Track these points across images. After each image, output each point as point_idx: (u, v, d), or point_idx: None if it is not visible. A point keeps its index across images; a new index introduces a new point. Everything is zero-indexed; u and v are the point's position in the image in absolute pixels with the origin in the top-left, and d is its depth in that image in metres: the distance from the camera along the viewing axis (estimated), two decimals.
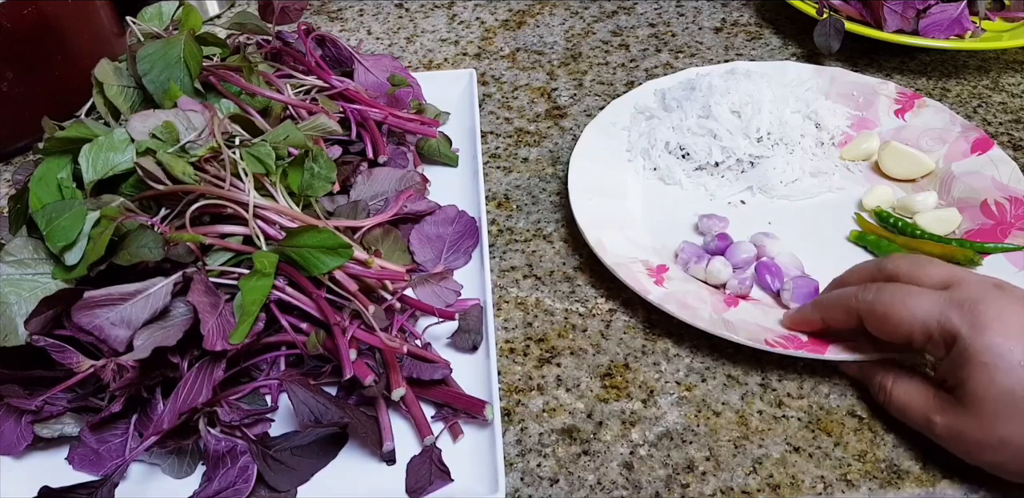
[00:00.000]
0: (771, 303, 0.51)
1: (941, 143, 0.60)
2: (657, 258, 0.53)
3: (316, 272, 0.44)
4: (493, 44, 0.79)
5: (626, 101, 0.65)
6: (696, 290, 0.51)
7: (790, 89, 0.63)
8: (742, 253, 0.53)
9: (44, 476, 0.43)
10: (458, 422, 0.45)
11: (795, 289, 0.50)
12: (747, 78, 0.62)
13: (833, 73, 0.66)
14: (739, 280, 0.51)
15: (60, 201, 0.45)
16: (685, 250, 0.53)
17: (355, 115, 0.59)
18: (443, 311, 0.48)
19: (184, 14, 0.57)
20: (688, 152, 0.61)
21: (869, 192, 0.57)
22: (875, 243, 0.54)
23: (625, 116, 0.64)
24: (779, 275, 0.52)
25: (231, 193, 0.46)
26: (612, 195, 0.58)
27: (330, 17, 0.85)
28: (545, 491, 0.44)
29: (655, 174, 0.61)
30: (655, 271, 0.52)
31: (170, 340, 0.41)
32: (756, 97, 0.60)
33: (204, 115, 0.49)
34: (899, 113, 0.63)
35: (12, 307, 0.43)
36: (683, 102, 0.63)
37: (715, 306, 0.49)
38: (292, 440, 0.44)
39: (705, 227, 0.56)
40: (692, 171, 0.61)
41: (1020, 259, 0.51)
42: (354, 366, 0.43)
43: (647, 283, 0.50)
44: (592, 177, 0.58)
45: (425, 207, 0.56)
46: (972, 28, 0.70)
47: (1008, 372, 0.37)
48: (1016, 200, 0.54)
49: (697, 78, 0.64)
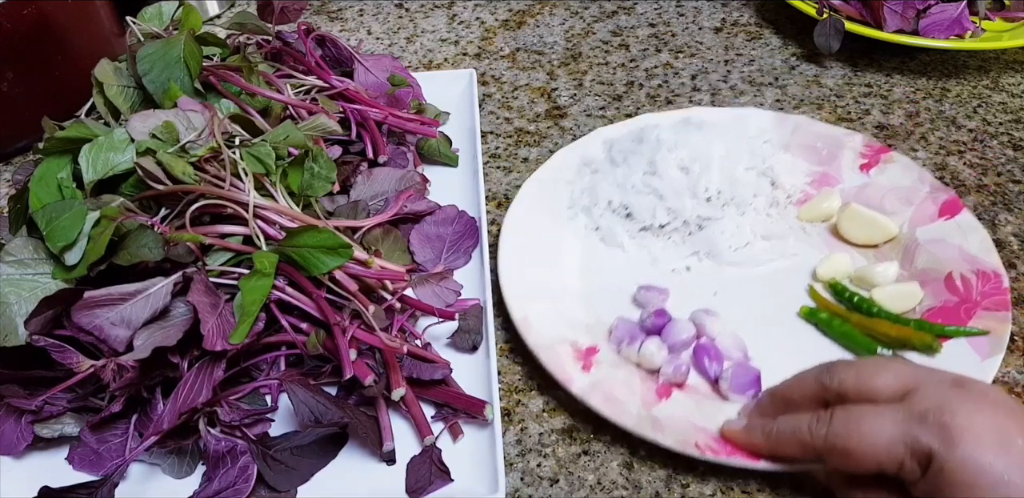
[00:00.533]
0: (708, 392, 0.46)
1: (907, 204, 0.55)
2: (589, 337, 0.48)
3: (316, 272, 0.44)
4: (493, 44, 0.79)
5: (573, 151, 0.60)
6: (627, 377, 0.46)
7: (745, 142, 0.57)
8: (680, 334, 0.48)
9: (44, 476, 0.43)
10: (458, 422, 0.45)
11: (733, 378, 0.45)
12: (699, 130, 0.57)
13: (797, 122, 0.61)
14: (674, 367, 0.46)
15: (60, 201, 0.45)
16: (619, 328, 0.49)
17: (355, 115, 0.59)
18: (443, 311, 0.48)
19: (184, 14, 0.57)
20: (632, 212, 0.56)
21: (825, 260, 0.52)
22: (827, 322, 0.49)
23: (571, 168, 0.59)
24: (719, 359, 0.47)
25: (231, 193, 0.46)
26: (547, 260, 0.53)
27: (330, 17, 0.85)
28: (545, 491, 0.44)
29: (596, 234, 0.56)
30: (584, 354, 0.47)
31: (170, 340, 0.41)
32: (706, 153, 0.56)
33: (204, 115, 0.49)
34: (864, 168, 0.58)
35: (12, 307, 0.43)
36: (629, 156, 0.58)
37: (645, 398, 0.45)
38: (292, 440, 0.44)
39: (643, 299, 0.51)
40: (636, 232, 0.55)
41: (984, 345, 0.46)
42: (354, 366, 0.43)
43: (573, 370, 0.45)
44: (528, 238, 0.53)
45: (425, 207, 0.56)
46: (972, 28, 0.70)
47: (991, 488, 0.33)
48: (984, 274, 0.49)
49: (647, 128, 0.59)
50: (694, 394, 0.46)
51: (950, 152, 0.64)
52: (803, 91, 0.71)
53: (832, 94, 0.70)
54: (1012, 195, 0.60)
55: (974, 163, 0.63)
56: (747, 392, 0.45)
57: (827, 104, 0.69)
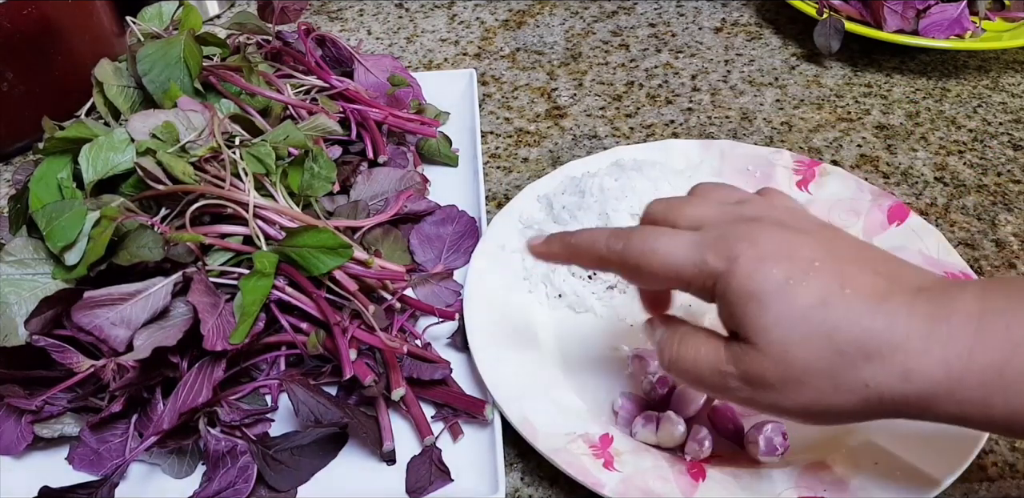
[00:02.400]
0: (736, 459, 0.43)
1: (855, 215, 0.54)
2: (596, 425, 0.44)
3: (316, 272, 0.44)
4: (493, 44, 0.79)
5: (508, 215, 0.55)
6: (654, 465, 0.42)
7: (686, 177, 0.55)
8: (690, 400, 0.44)
9: (44, 476, 0.42)
10: (458, 422, 0.45)
11: (762, 440, 0.42)
12: (639, 172, 0.54)
13: (721, 147, 0.59)
14: (698, 442, 0.43)
15: (60, 201, 0.45)
16: (625, 407, 0.45)
17: (355, 115, 0.59)
18: (443, 311, 0.48)
19: (184, 14, 0.57)
20: (595, 272, 0.52)
21: None
22: None
23: (512, 233, 0.54)
24: (737, 421, 0.44)
25: (231, 193, 0.46)
26: (524, 344, 0.49)
27: (330, 17, 0.85)
28: (545, 491, 0.44)
29: (562, 302, 0.52)
30: (599, 447, 0.43)
31: (170, 340, 0.41)
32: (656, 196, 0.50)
33: (204, 115, 0.49)
34: (801, 185, 0.57)
35: (12, 307, 0.43)
36: (576, 212, 0.54)
37: (682, 486, 0.41)
38: (292, 440, 0.44)
39: (638, 369, 0.47)
40: (603, 292, 0.52)
41: None
42: (354, 366, 0.43)
43: (597, 472, 0.41)
44: (494, 324, 0.49)
45: (425, 207, 0.56)
46: (972, 28, 0.70)
47: (776, 294, 0.32)
48: (953, 276, 0.48)
49: (582, 179, 0.56)
50: (725, 466, 0.43)
51: (950, 152, 0.64)
52: (803, 91, 0.71)
53: (832, 94, 0.70)
54: (1012, 195, 0.60)
55: (974, 163, 0.63)
56: (777, 452, 0.42)
57: (827, 104, 0.69)
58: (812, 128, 0.67)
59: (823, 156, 0.64)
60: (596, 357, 0.49)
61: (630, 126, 0.68)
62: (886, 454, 0.42)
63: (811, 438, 0.44)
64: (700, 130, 0.67)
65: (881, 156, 0.64)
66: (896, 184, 0.61)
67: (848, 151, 0.64)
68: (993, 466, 0.44)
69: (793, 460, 0.43)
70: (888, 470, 0.41)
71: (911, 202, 0.60)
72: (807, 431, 0.43)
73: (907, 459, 0.41)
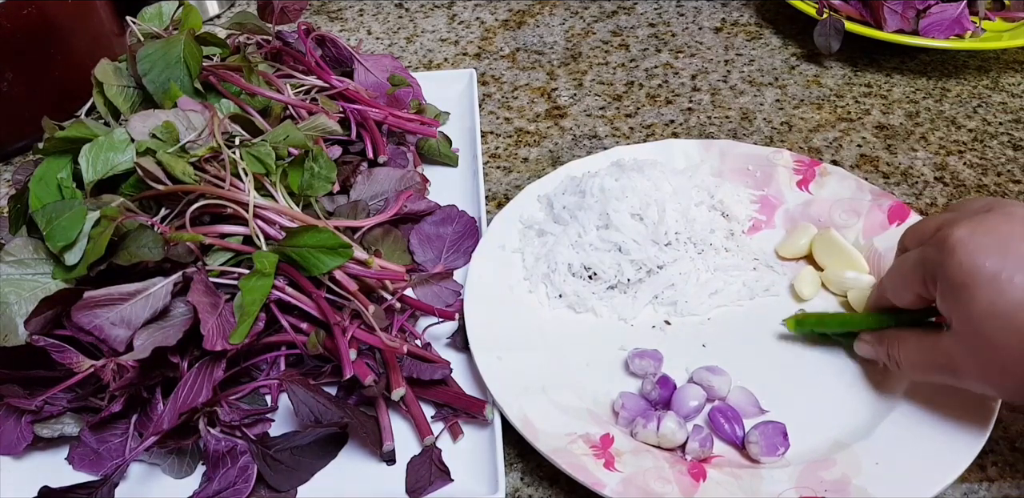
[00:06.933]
0: (737, 459, 0.44)
1: (855, 215, 0.54)
2: (596, 425, 0.44)
3: (316, 272, 0.44)
4: (493, 44, 0.79)
5: (508, 215, 0.55)
6: (655, 465, 0.42)
7: (687, 177, 0.55)
8: (691, 400, 0.45)
9: (44, 476, 0.43)
10: (458, 422, 0.45)
11: (761, 439, 0.42)
12: (640, 172, 0.54)
13: (722, 147, 0.59)
14: (699, 442, 0.43)
15: (60, 201, 0.45)
16: (626, 407, 0.45)
17: (355, 115, 0.59)
18: (443, 311, 0.48)
19: (184, 14, 0.57)
20: (596, 272, 0.52)
21: (798, 278, 0.51)
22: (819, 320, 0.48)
23: (512, 233, 0.55)
24: (738, 421, 0.44)
25: (231, 193, 0.46)
26: (522, 344, 0.48)
27: (330, 17, 0.85)
28: (545, 491, 0.44)
29: (562, 302, 0.51)
30: (600, 447, 0.43)
31: (170, 340, 0.41)
32: (657, 196, 0.52)
33: (204, 115, 0.49)
34: (802, 185, 0.57)
35: (12, 307, 0.43)
36: (577, 212, 0.53)
37: (683, 486, 0.41)
38: (292, 440, 0.44)
39: (638, 368, 0.47)
40: (604, 292, 0.52)
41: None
42: (354, 366, 0.43)
43: (598, 472, 0.41)
44: (494, 324, 0.49)
45: (425, 207, 0.56)
46: (972, 28, 0.70)
47: (987, 285, 0.35)
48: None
49: (582, 179, 0.55)
50: (726, 467, 0.43)
51: (950, 152, 0.64)
52: (803, 91, 0.71)
53: (832, 94, 0.70)
54: (1012, 195, 0.60)
55: (974, 163, 0.63)
56: (777, 452, 0.42)
57: (827, 104, 0.69)
58: (812, 128, 0.67)
59: (823, 156, 0.64)
60: (596, 357, 0.49)
61: (630, 126, 0.68)
62: (886, 454, 0.42)
63: (811, 438, 0.44)
64: (700, 130, 0.67)
65: (881, 156, 0.64)
66: (896, 184, 0.61)
67: (848, 151, 0.64)
68: (993, 466, 0.44)
69: (793, 460, 0.43)
70: (888, 470, 0.41)
71: (911, 202, 0.60)
72: (807, 431, 0.44)
73: (907, 459, 0.41)
